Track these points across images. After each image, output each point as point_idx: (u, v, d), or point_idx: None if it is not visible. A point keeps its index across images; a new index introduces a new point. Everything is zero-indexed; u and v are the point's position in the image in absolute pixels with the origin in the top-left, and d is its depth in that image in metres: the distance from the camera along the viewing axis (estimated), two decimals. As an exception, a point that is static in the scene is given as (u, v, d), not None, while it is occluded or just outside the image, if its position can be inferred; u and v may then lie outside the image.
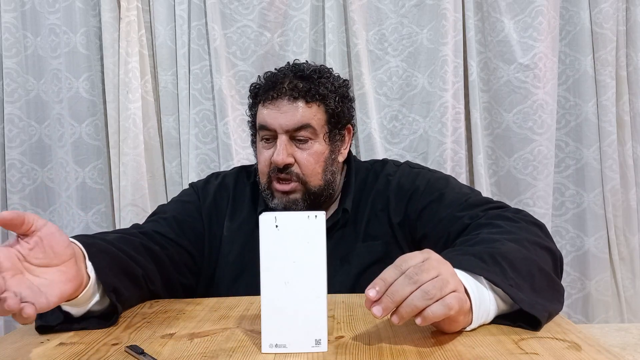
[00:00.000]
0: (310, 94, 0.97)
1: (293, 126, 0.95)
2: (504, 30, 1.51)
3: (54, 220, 1.58)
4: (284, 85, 0.97)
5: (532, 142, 1.51)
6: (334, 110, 0.99)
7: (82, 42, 1.51)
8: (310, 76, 0.98)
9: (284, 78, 0.98)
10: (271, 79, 1.00)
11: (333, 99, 0.99)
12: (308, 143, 0.97)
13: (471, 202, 0.92)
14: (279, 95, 0.96)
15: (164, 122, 1.56)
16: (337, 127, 1.01)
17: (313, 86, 0.97)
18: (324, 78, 1.00)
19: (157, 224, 0.97)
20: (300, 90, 0.96)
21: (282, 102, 0.96)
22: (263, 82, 1.01)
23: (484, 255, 0.68)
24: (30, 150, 1.57)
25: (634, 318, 1.55)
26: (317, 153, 0.98)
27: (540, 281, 0.69)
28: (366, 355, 0.58)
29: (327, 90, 0.98)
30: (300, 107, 0.96)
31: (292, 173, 0.96)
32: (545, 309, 0.66)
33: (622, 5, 1.52)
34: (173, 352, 0.61)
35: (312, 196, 0.98)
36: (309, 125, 0.96)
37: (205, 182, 1.10)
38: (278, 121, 0.96)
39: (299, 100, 0.96)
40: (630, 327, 1.21)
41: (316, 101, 0.97)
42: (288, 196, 0.97)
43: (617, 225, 1.54)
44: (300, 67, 1.01)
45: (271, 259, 0.59)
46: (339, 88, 1.01)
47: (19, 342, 0.68)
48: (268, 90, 0.98)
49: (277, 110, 0.96)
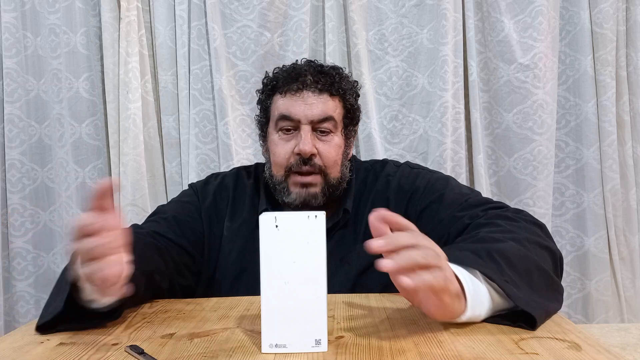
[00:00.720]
0: (334, 88, 0.98)
1: (319, 117, 0.96)
2: (504, 30, 1.51)
3: (54, 220, 1.58)
4: (307, 77, 0.98)
5: (532, 142, 1.51)
6: (351, 106, 1.02)
7: (82, 42, 1.52)
8: (331, 72, 1.00)
9: (305, 72, 0.99)
10: (291, 71, 1.00)
11: (352, 95, 1.02)
12: (329, 135, 0.98)
13: (471, 203, 0.92)
14: (304, 86, 0.97)
15: (164, 122, 1.56)
16: (352, 123, 1.03)
17: (335, 81, 0.99)
18: (342, 75, 1.02)
19: (157, 225, 0.97)
20: (324, 83, 0.98)
21: (307, 94, 0.97)
22: (280, 75, 1.01)
23: (480, 251, 0.68)
24: (30, 150, 1.57)
25: (634, 318, 1.55)
26: (337, 145, 0.99)
27: (538, 280, 0.69)
28: (366, 355, 0.58)
29: (347, 86, 1.01)
30: (325, 99, 0.97)
31: (315, 165, 0.97)
32: (542, 307, 0.66)
33: (622, 5, 1.52)
34: (173, 352, 0.61)
35: (330, 189, 0.98)
36: (332, 118, 0.98)
37: (205, 183, 1.10)
38: (304, 111, 0.96)
39: (324, 93, 0.98)
40: (630, 327, 1.21)
41: (338, 95, 0.99)
42: (308, 189, 0.97)
43: (617, 225, 1.54)
44: (318, 64, 1.03)
45: (271, 259, 0.59)
46: (353, 85, 1.04)
47: (19, 342, 0.68)
48: (290, 82, 0.98)
49: (303, 101, 0.96)
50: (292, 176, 0.97)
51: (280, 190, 0.99)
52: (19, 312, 1.57)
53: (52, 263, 1.59)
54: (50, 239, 1.59)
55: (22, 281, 1.57)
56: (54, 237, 1.59)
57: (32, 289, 1.57)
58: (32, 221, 1.58)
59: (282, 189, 0.98)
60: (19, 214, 1.56)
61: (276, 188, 1.00)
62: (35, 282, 1.58)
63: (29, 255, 1.57)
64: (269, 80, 1.03)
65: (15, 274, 1.57)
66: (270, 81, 1.02)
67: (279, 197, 0.99)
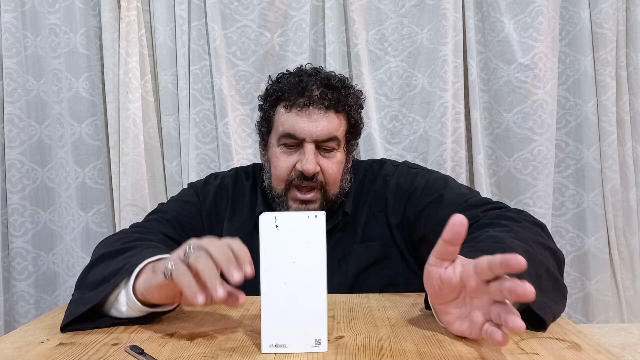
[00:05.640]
0: (340, 105, 0.96)
1: (323, 137, 0.94)
2: (504, 30, 1.51)
3: (54, 220, 1.58)
4: (314, 93, 0.95)
5: (532, 142, 1.50)
6: (356, 122, 1.00)
7: (82, 42, 1.52)
8: (337, 85, 0.97)
9: (312, 85, 0.96)
10: (297, 84, 0.96)
11: (356, 110, 0.99)
12: (332, 152, 0.97)
13: (470, 203, 0.91)
14: (310, 103, 0.94)
15: (164, 122, 1.56)
16: (354, 137, 1.02)
17: (342, 96, 0.96)
18: (348, 88, 0.99)
19: (161, 225, 0.97)
20: (331, 100, 0.95)
21: (313, 111, 0.94)
22: (285, 86, 0.97)
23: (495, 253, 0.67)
24: (30, 150, 1.57)
25: (634, 318, 1.55)
26: (339, 162, 0.98)
27: (546, 282, 0.69)
28: (366, 355, 0.58)
29: (353, 102, 0.98)
30: (331, 117, 0.95)
31: (317, 181, 0.96)
32: (551, 310, 0.65)
33: (622, 5, 1.52)
34: (173, 352, 0.61)
35: (328, 204, 0.98)
36: (336, 137, 0.96)
37: (205, 183, 1.10)
38: (309, 130, 0.94)
39: (330, 110, 0.95)
40: (630, 327, 1.20)
41: (344, 112, 0.97)
42: (307, 206, 0.97)
43: (617, 225, 1.54)
44: (325, 75, 0.99)
45: (271, 259, 0.59)
46: (358, 99, 1.01)
47: (19, 342, 0.68)
48: (297, 97, 0.95)
49: (308, 118, 0.94)
50: (292, 191, 0.97)
51: (279, 203, 0.98)
52: (19, 312, 1.57)
53: (52, 263, 1.59)
54: (50, 239, 1.59)
55: (22, 281, 1.57)
56: (54, 237, 1.59)
57: (32, 289, 1.57)
58: (32, 221, 1.58)
59: (281, 202, 0.98)
60: (19, 214, 1.56)
61: (275, 200, 0.99)
62: (35, 282, 1.58)
63: (29, 255, 1.57)
64: (273, 90, 1.00)
65: (15, 274, 1.57)
66: (274, 91, 0.99)
67: (277, 209, 0.99)
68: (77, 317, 0.70)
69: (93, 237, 1.51)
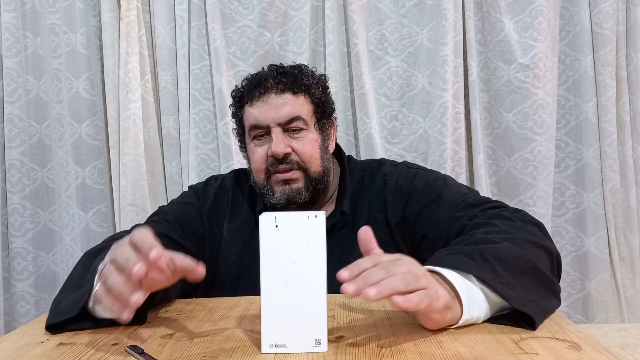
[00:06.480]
0: (296, 85, 0.99)
1: (285, 118, 0.97)
2: (504, 30, 1.51)
3: (54, 220, 1.58)
4: (268, 81, 0.99)
5: (532, 142, 1.51)
6: (319, 100, 1.02)
7: (82, 42, 1.52)
8: (291, 71, 1.01)
9: (266, 76, 1.00)
10: (253, 79, 1.02)
11: (317, 89, 1.02)
12: (302, 132, 0.99)
13: (469, 202, 0.91)
14: (266, 90, 0.98)
15: (164, 122, 1.56)
16: (324, 117, 1.04)
17: (297, 78, 1.00)
18: (304, 71, 1.03)
19: (161, 226, 0.97)
20: (286, 83, 0.98)
21: (270, 97, 0.98)
22: (245, 86, 1.03)
23: (474, 254, 0.68)
24: (30, 150, 1.57)
25: (634, 318, 1.55)
26: (312, 141, 1.00)
27: (532, 279, 0.69)
28: (366, 355, 0.58)
29: (310, 81, 1.01)
30: (288, 98, 0.98)
31: (292, 162, 0.97)
32: (539, 306, 0.65)
33: (622, 5, 1.52)
34: (173, 352, 0.61)
35: (313, 183, 0.99)
36: (299, 117, 0.98)
37: (205, 184, 1.11)
38: (270, 116, 0.97)
39: (286, 92, 0.98)
40: (630, 327, 1.21)
41: (302, 92, 1.00)
42: (290, 186, 0.98)
43: (617, 225, 1.54)
44: (279, 65, 1.04)
45: (271, 259, 0.59)
46: (319, 80, 1.04)
47: (19, 342, 0.68)
48: (253, 89, 0.99)
49: (267, 105, 0.97)
50: (273, 176, 0.98)
51: (265, 193, 1.00)
52: (19, 312, 1.57)
53: (52, 263, 1.59)
54: (50, 239, 1.59)
55: (22, 281, 1.57)
56: (54, 237, 1.59)
57: (32, 289, 1.57)
58: (32, 221, 1.58)
59: (266, 192, 0.99)
60: (19, 214, 1.56)
61: (262, 193, 1.00)
62: (35, 282, 1.58)
63: (29, 255, 1.57)
64: (237, 93, 1.04)
65: (15, 274, 1.57)
66: (237, 93, 1.04)
67: (266, 200, 1.00)
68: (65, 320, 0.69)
69: (93, 237, 1.52)
